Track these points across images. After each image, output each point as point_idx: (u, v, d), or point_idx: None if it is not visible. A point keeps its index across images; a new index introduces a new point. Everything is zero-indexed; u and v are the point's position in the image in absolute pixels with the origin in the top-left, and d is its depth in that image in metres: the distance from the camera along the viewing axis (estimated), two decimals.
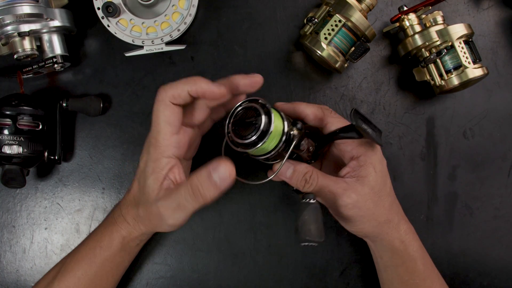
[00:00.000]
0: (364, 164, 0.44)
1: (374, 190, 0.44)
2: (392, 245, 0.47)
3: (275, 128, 0.40)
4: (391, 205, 0.46)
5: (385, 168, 0.46)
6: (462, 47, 0.50)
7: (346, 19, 0.49)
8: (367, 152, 0.45)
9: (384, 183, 0.46)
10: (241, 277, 0.54)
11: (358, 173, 0.44)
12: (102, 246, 0.45)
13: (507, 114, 0.57)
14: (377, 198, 0.45)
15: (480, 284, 0.56)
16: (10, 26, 0.47)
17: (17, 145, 0.47)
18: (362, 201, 0.44)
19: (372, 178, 0.44)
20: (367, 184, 0.44)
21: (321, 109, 0.46)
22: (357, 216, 0.45)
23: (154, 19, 0.52)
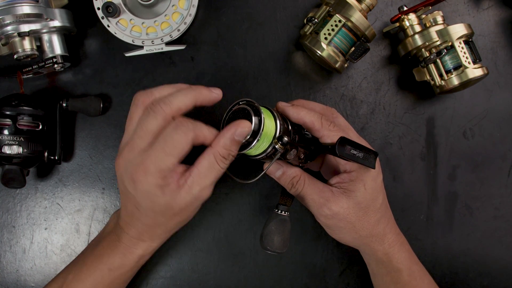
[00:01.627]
0: (355, 180, 0.44)
1: (360, 205, 0.44)
2: (375, 256, 0.48)
3: (265, 130, 0.40)
4: (378, 221, 0.46)
5: (379, 184, 0.46)
6: (462, 47, 0.50)
7: (346, 19, 0.49)
8: (360, 168, 0.44)
9: (374, 199, 0.45)
10: (241, 277, 0.54)
11: (347, 187, 0.44)
12: (111, 268, 0.44)
13: (507, 114, 0.57)
14: (362, 213, 0.45)
15: (480, 284, 0.56)
16: (10, 26, 0.47)
17: (17, 145, 0.47)
18: (343, 214, 0.44)
19: (359, 194, 0.44)
20: (353, 199, 0.44)
21: (320, 119, 0.44)
22: (336, 226, 0.46)
23: (154, 19, 0.52)
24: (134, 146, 0.39)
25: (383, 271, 0.49)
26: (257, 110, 0.40)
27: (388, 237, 0.47)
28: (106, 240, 0.45)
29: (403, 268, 0.47)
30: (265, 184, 0.55)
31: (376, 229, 0.46)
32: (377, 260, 0.48)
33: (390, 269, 0.47)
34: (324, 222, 0.46)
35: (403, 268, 0.47)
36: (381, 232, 0.46)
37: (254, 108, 0.40)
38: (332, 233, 0.48)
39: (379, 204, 0.46)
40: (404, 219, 0.56)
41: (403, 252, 0.48)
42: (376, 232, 0.46)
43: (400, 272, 0.47)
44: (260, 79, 0.56)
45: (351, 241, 0.48)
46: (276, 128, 0.41)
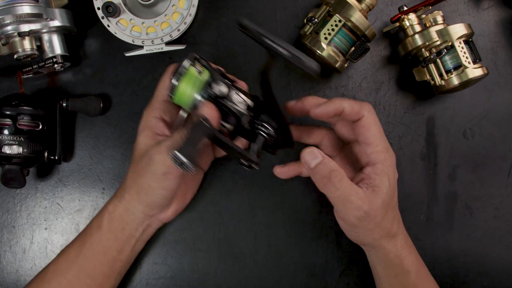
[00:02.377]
0: (380, 173, 0.43)
1: (384, 203, 0.43)
2: (387, 257, 0.47)
3: (189, 70, 0.41)
4: (393, 219, 0.46)
5: (396, 181, 0.45)
6: (462, 47, 0.50)
7: (346, 19, 0.49)
8: (385, 161, 0.44)
9: (393, 196, 0.45)
10: (241, 277, 0.54)
11: (373, 182, 0.43)
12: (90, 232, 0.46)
13: (507, 114, 0.57)
14: (385, 211, 0.44)
15: (480, 284, 0.56)
16: (10, 26, 0.47)
17: (17, 145, 0.47)
18: (373, 215, 0.43)
19: (385, 190, 0.43)
20: (380, 196, 0.43)
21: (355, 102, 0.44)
22: (364, 228, 0.44)
23: (154, 19, 0.52)
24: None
25: (391, 274, 0.48)
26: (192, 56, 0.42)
27: (400, 237, 0.46)
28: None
29: (412, 271, 0.47)
30: (265, 184, 0.55)
31: (392, 229, 0.45)
32: (387, 262, 0.47)
33: (399, 272, 0.47)
34: (354, 223, 0.44)
35: (412, 270, 0.47)
36: (395, 232, 0.46)
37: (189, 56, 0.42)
38: (353, 234, 0.47)
39: (395, 202, 0.46)
40: (404, 219, 0.55)
41: (412, 255, 0.47)
42: (392, 232, 0.46)
43: (409, 274, 0.47)
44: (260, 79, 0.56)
45: (370, 242, 0.46)
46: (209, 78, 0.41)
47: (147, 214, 0.46)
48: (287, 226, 0.55)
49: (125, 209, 0.45)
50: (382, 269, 0.49)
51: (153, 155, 0.42)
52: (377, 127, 0.44)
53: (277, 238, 0.55)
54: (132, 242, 0.47)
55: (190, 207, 0.54)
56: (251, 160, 0.41)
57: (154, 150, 0.42)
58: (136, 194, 0.44)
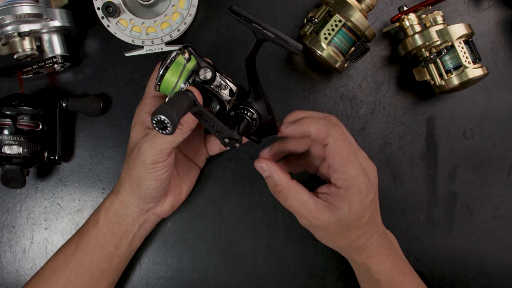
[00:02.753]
0: (341, 198, 0.42)
1: (342, 223, 0.43)
2: (354, 263, 0.48)
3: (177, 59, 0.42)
4: (358, 237, 0.44)
5: (366, 204, 0.43)
6: (462, 47, 0.50)
7: (346, 19, 0.49)
8: (350, 188, 0.42)
9: (358, 219, 0.43)
10: (241, 277, 0.54)
11: (332, 201, 0.43)
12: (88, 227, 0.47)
13: (507, 114, 0.57)
14: (343, 229, 0.43)
15: (480, 284, 0.56)
16: (10, 26, 0.47)
17: (17, 145, 0.47)
18: (322, 226, 0.43)
19: (343, 213, 0.42)
20: (335, 215, 0.42)
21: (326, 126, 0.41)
22: (315, 233, 0.46)
23: (154, 19, 0.52)
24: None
25: (364, 277, 0.49)
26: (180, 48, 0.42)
27: (368, 250, 0.46)
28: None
29: (382, 279, 0.46)
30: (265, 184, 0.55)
31: (354, 244, 0.45)
32: (357, 267, 0.49)
33: (369, 277, 0.47)
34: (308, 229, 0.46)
35: (382, 278, 0.46)
36: (360, 246, 0.45)
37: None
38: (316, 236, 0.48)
39: (363, 223, 0.44)
40: (404, 219, 0.56)
41: (383, 264, 0.46)
42: (354, 246, 0.45)
43: (379, 282, 0.47)
44: (260, 79, 0.55)
45: (329, 246, 0.48)
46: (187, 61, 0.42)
47: (143, 208, 0.46)
48: (287, 226, 0.55)
49: (121, 203, 0.46)
50: (356, 271, 0.50)
51: (141, 146, 0.42)
52: (344, 155, 0.41)
53: (277, 238, 0.55)
54: (129, 238, 0.47)
55: (190, 207, 0.54)
56: (232, 137, 0.41)
57: (142, 141, 0.42)
58: (129, 187, 0.45)
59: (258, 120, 0.44)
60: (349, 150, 0.42)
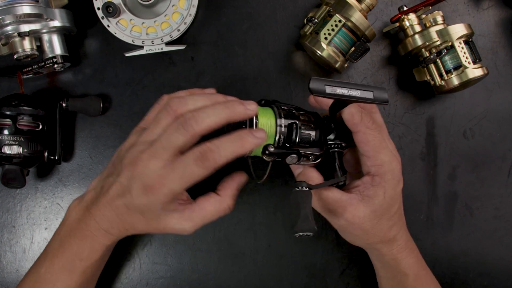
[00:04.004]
0: (377, 185, 0.43)
1: (376, 213, 0.43)
2: (382, 259, 0.47)
3: (261, 124, 0.41)
4: (390, 228, 0.45)
5: (398, 193, 0.44)
6: (462, 47, 0.50)
7: (346, 19, 0.49)
8: (385, 174, 0.43)
9: (390, 207, 0.44)
10: (241, 277, 0.54)
11: (367, 192, 0.43)
12: (82, 258, 0.43)
13: (507, 114, 0.57)
14: (376, 220, 0.44)
15: (480, 284, 0.56)
16: (10, 26, 0.47)
17: (17, 145, 0.47)
18: (358, 223, 0.43)
19: (378, 201, 0.43)
20: (370, 206, 0.43)
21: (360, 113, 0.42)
22: (349, 234, 0.46)
23: (154, 19, 0.52)
24: (156, 155, 0.39)
25: (389, 275, 0.48)
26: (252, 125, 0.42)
27: (398, 243, 0.46)
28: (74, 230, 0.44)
29: (410, 273, 0.47)
30: (265, 184, 0.55)
31: (386, 236, 0.45)
32: (384, 263, 0.48)
33: (396, 273, 0.47)
34: (339, 229, 0.46)
35: (410, 273, 0.47)
36: (391, 239, 0.46)
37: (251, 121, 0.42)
38: (344, 236, 0.48)
39: (393, 212, 0.45)
40: None
41: (411, 258, 0.47)
42: (386, 239, 0.46)
43: (407, 277, 0.47)
44: (260, 79, 0.56)
45: (362, 244, 0.48)
46: (276, 130, 0.42)
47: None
48: (287, 226, 0.55)
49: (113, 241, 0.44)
50: (381, 269, 0.49)
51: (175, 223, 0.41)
52: (376, 142, 0.42)
53: (277, 238, 0.55)
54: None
55: None
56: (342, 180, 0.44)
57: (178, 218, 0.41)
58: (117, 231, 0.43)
59: (345, 145, 0.45)
60: (380, 138, 0.43)
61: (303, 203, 0.39)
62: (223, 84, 0.55)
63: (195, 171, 0.38)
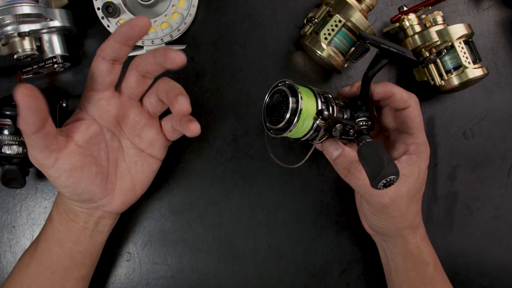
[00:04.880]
0: (413, 164, 0.44)
1: (410, 193, 0.44)
2: (406, 248, 0.47)
3: (305, 107, 0.39)
4: (417, 212, 0.47)
5: (425, 176, 0.46)
6: (462, 47, 0.50)
7: (346, 19, 0.49)
8: (421, 154, 0.44)
9: (419, 189, 0.46)
10: (241, 277, 0.54)
11: (404, 171, 0.44)
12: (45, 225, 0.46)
13: (507, 114, 0.57)
14: (410, 201, 0.45)
15: (480, 284, 0.56)
16: (10, 26, 0.47)
17: (17, 145, 0.47)
18: (399, 202, 0.44)
19: (412, 181, 0.44)
20: (406, 185, 0.44)
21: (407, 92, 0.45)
22: (388, 216, 0.45)
23: (154, 19, 0.52)
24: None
25: (409, 266, 0.48)
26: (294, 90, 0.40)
27: (420, 231, 0.47)
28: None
29: (431, 262, 0.48)
30: (265, 184, 0.55)
31: (415, 221, 0.46)
32: (406, 254, 0.48)
33: (417, 263, 0.47)
34: (379, 209, 0.45)
35: (430, 262, 0.48)
36: (417, 224, 0.47)
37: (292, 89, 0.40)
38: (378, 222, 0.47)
39: (421, 195, 0.46)
40: None
41: (430, 247, 0.48)
42: (414, 224, 0.47)
43: (428, 265, 0.47)
44: (260, 79, 0.56)
45: (392, 230, 0.47)
46: (317, 105, 0.41)
47: (87, 208, 0.44)
48: (287, 226, 0.55)
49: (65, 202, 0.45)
50: (401, 261, 0.48)
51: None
52: (420, 120, 0.45)
53: (277, 238, 0.55)
54: (87, 233, 0.45)
55: (190, 207, 0.54)
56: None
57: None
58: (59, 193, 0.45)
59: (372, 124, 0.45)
60: (422, 117, 0.46)
61: (380, 149, 0.39)
62: (223, 84, 0.55)
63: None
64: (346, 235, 0.55)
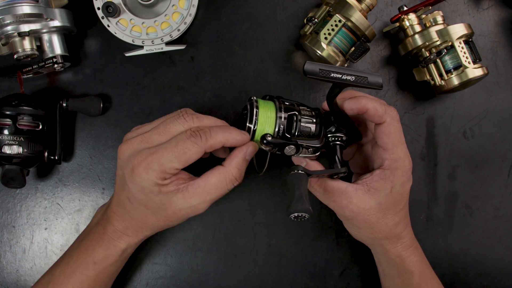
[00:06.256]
0: (385, 179, 0.43)
1: (381, 206, 0.43)
2: (387, 256, 0.47)
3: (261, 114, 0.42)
4: (395, 224, 0.45)
5: (406, 190, 0.45)
6: (462, 47, 0.50)
7: (346, 19, 0.49)
8: (396, 170, 0.43)
9: (396, 203, 0.44)
10: (241, 277, 0.54)
11: (374, 185, 0.43)
12: (96, 261, 0.44)
13: (507, 114, 0.57)
14: (382, 214, 0.44)
15: (480, 284, 0.56)
16: (10, 26, 0.47)
17: (17, 145, 0.47)
18: (364, 215, 0.43)
19: (383, 195, 0.43)
20: (376, 198, 0.43)
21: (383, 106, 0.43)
22: (354, 226, 0.46)
23: (154, 19, 0.52)
24: (147, 139, 0.40)
25: (394, 273, 0.48)
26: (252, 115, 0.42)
27: (403, 240, 0.46)
28: (91, 233, 0.45)
29: (415, 271, 0.47)
30: (265, 184, 0.55)
31: (392, 232, 0.45)
32: (388, 261, 0.48)
33: (401, 271, 0.47)
34: (344, 221, 0.46)
35: (415, 271, 0.47)
36: (396, 235, 0.46)
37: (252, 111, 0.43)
38: (349, 229, 0.48)
39: (400, 208, 0.45)
40: None
41: (415, 256, 0.47)
42: (391, 235, 0.46)
43: (412, 274, 0.47)
44: (260, 79, 0.56)
45: (366, 240, 0.48)
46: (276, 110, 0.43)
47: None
48: (287, 226, 0.55)
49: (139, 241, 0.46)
50: (386, 267, 0.49)
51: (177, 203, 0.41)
52: (397, 135, 0.43)
53: (277, 238, 0.55)
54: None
55: None
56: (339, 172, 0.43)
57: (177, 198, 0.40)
58: (134, 232, 0.44)
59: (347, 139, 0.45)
60: (400, 132, 0.44)
61: (298, 184, 0.39)
62: (223, 84, 0.55)
63: (187, 146, 0.38)
64: (346, 235, 0.55)
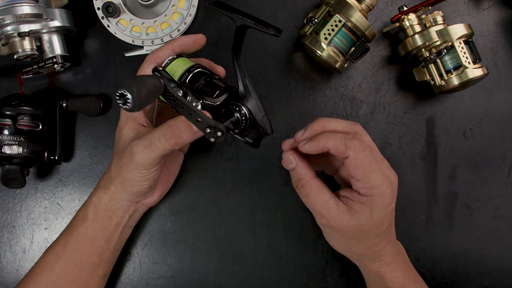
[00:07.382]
0: (364, 204, 0.41)
1: (361, 228, 0.42)
2: (366, 270, 0.47)
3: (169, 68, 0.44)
4: (375, 244, 0.44)
5: (388, 213, 0.43)
6: (462, 47, 0.50)
7: (346, 19, 0.49)
8: (374, 197, 0.41)
9: (377, 226, 0.43)
10: (241, 277, 0.54)
11: (354, 207, 0.42)
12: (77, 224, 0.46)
13: (507, 114, 0.57)
14: (361, 235, 0.43)
15: (480, 284, 0.56)
16: (10, 26, 0.47)
17: (17, 145, 0.47)
18: (341, 229, 0.42)
19: (363, 218, 0.41)
20: (356, 220, 0.42)
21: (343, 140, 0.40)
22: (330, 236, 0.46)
23: (154, 19, 0.52)
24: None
25: (374, 285, 0.49)
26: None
27: (382, 258, 0.46)
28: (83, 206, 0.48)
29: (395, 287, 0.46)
30: (265, 184, 0.55)
31: (370, 251, 0.45)
32: (367, 275, 0.48)
33: (382, 286, 0.47)
34: (322, 228, 0.46)
35: (395, 287, 0.46)
36: (375, 254, 0.45)
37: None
38: (327, 239, 0.47)
39: (382, 231, 0.44)
40: (404, 219, 0.56)
41: (396, 272, 0.46)
42: (369, 253, 0.45)
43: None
44: (260, 79, 0.56)
45: (343, 252, 0.47)
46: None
47: (133, 201, 0.47)
48: (287, 226, 0.55)
49: (111, 198, 0.46)
50: (367, 281, 0.50)
51: (135, 151, 0.41)
52: (365, 165, 0.41)
53: (277, 238, 0.55)
54: (119, 230, 0.48)
55: (190, 207, 0.54)
56: (212, 125, 0.38)
57: (136, 145, 0.42)
58: (120, 185, 0.45)
59: (247, 117, 0.42)
60: (370, 160, 0.41)
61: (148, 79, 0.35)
62: None
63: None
64: None
